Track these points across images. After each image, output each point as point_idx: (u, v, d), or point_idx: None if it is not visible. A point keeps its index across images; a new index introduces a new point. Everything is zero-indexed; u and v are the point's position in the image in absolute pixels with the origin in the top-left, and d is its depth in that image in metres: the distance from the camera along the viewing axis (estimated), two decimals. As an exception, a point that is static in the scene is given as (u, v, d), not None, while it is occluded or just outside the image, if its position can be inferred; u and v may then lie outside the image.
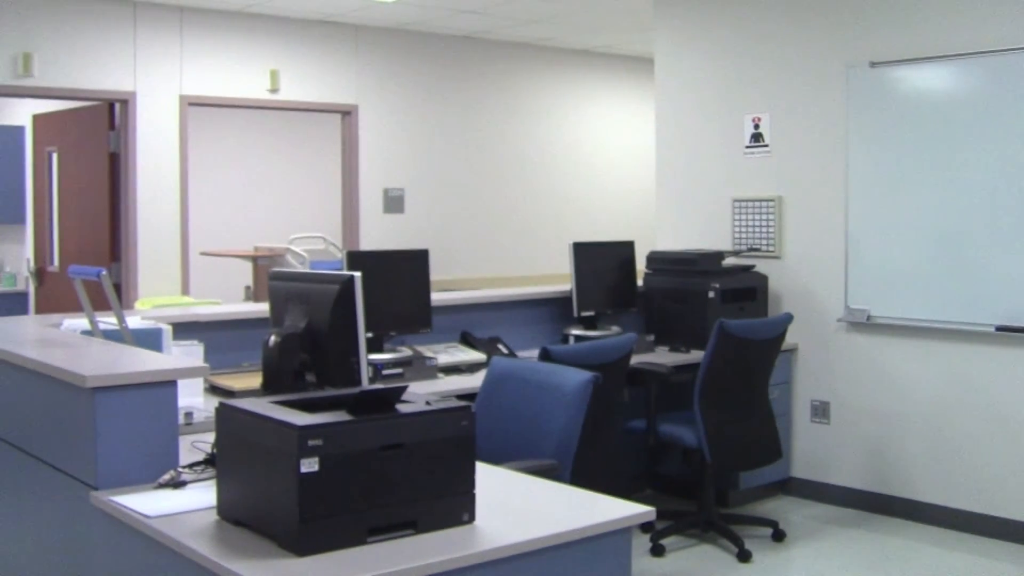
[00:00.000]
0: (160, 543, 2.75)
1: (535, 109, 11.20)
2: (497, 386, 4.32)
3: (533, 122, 11.18)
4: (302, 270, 7.40)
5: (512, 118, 11.01)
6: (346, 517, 2.55)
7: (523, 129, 11.10)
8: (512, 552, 2.63)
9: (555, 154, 11.35)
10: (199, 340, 4.57)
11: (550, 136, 11.31)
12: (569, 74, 11.45)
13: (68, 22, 8.55)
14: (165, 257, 9.00)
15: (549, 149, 11.31)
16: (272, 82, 9.49)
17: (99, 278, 4.07)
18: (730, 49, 7.33)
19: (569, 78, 11.46)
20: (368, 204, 10.03)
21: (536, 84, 11.20)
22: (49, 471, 3.47)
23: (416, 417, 2.70)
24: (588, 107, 11.63)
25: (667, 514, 6.20)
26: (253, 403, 2.76)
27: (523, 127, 11.10)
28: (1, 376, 3.91)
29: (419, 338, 5.78)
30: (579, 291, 6.50)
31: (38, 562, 3.70)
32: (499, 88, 10.92)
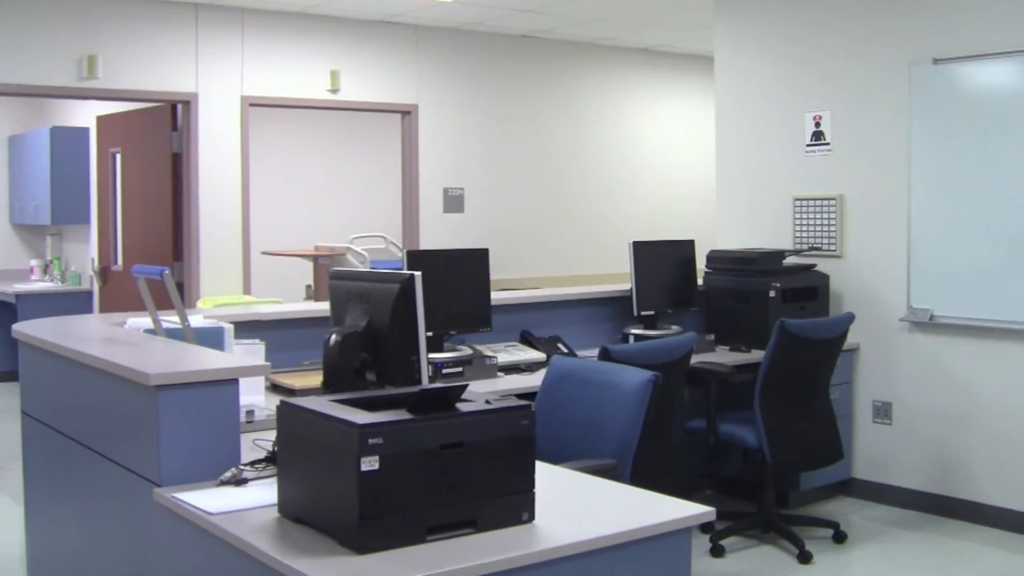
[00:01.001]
0: (221, 540, 2.78)
1: (594, 108, 11.17)
2: (557, 385, 4.32)
3: (592, 121, 11.16)
4: (363, 269, 7.43)
5: (571, 117, 11.00)
6: (406, 516, 2.56)
7: (582, 128, 11.08)
8: (571, 552, 2.62)
9: (615, 153, 11.32)
10: (260, 339, 4.60)
11: (610, 135, 11.29)
12: (628, 73, 11.42)
13: (131, 25, 8.64)
14: (227, 256, 9.07)
15: (609, 148, 11.28)
16: (332, 82, 9.54)
17: (162, 277, 4.11)
18: (791, 47, 7.27)
19: (628, 77, 11.43)
20: (428, 204, 10.06)
21: (595, 83, 11.18)
22: (113, 468, 3.50)
23: (476, 416, 2.70)
24: (648, 106, 11.59)
25: (727, 514, 6.16)
26: (314, 402, 2.77)
27: (582, 126, 11.08)
28: (67, 374, 3.96)
29: (479, 337, 5.78)
30: (639, 290, 6.48)
31: (103, 557, 3.74)
32: (558, 87, 10.91)
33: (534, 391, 4.49)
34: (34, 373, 4.46)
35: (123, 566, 3.54)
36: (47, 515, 4.40)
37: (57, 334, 4.28)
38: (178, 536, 3.06)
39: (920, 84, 6.53)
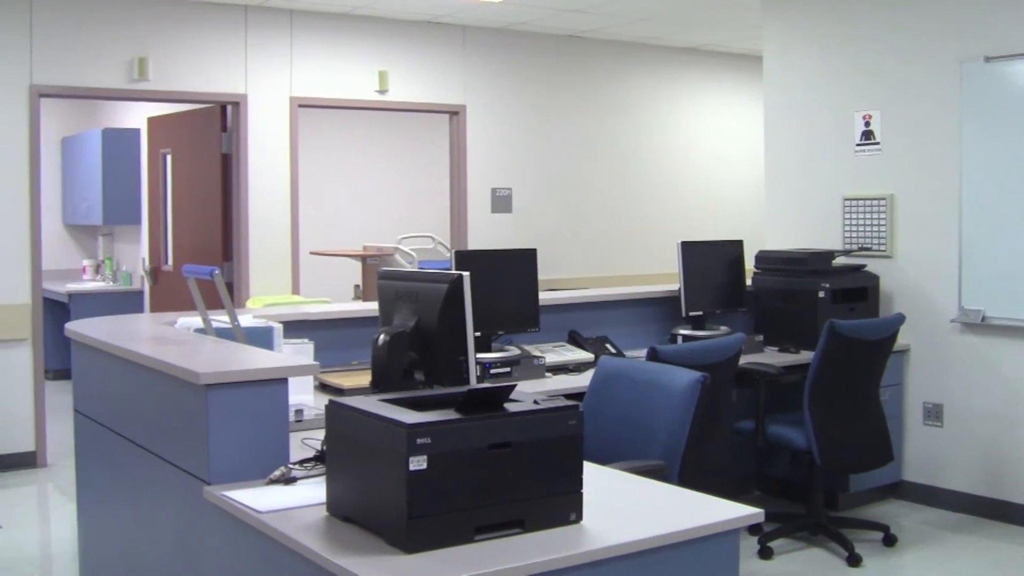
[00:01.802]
0: (270, 538, 2.79)
1: (642, 108, 11.15)
2: (605, 386, 4.31)
3: (640, 121, 11.13)
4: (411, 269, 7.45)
5: (619, 117, 10.98)
6: (454, 515, 2.56)
7: (630, 128, 11.06)
8: (619, 552, 2.62)
9: (662, 153, 11.29)
10: (309, 338, 4.62)
11: (657, 135, 11.25)
12: (676, 72, 11.38)
13: (181, 27, 8.71)
14: (276, 256, 9.12)
15: (656, 148, 11.25)
16: (381, 83, 9.57)
17: (212, 277, 4.14)
18: (840, 45, 7.23)
19: (676, 76, 11.39)
20: (476, 204, 10.07)
21: (643, 82, 11.15)
22: (164, 466, 3.53)
23: (524, 416, 2.70)
24: (695, 105, 11.55)
25: (775, 516, 6.12)
26: (362, 401, 2.78)
27: (630, 126, 11.06)
28: (118, 373, 3.99)
29: (527, 337, 5.78)
30: (687, 290, 6.46)
31: (154, 553, 3.77)
32: (606, 87, 10.89)
33: (582, 391, 4.49)
34: (86, 372, 4.51)
35: (173, 563, 3.57)
36: (99, 512, 4.44)
37: (109, 333, 4.32)
38: (227, 534, 3.08)
39: (972, 82, 6.47)
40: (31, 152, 8.15)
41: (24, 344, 8.14)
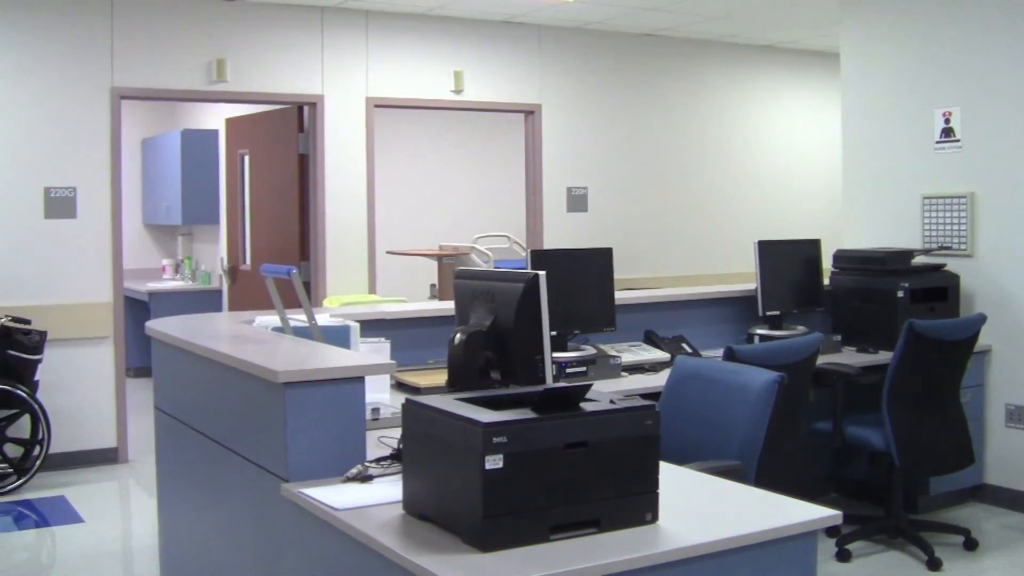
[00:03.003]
0: (347, 535, 2.81)
1: (718, 106, 11.08)
2: (681, 385, 4.29)
3: (716, 119, 11.06)
4: (487, 269, 7.46)
5: (695, 115, 10.92)
6: (529, 514, 2.56)
7: (706, 126, 11.00)
8: (695, 553, 2.60)
9: (739, 151, 11.22)
10: (386, 337, 4.64)
11: (734, 133, 11.18)
12: (753, 70, 11.30)
13: (259, 29, 8.80)
14: (352, 256, 9.18)
15: (732, 146, 11.17)
16: (456, 83, 9.60)
17: (289, 276, 4.17)
18: (918, 42, 7.13)
19: (753, 74, 11.31)
20: (552, 203, 10.07)
21: (719, 81, 11.08)
22: (242, 463, 3.57)
23: (601, 416, 2.69)
24: (772, 103, 11.46)
25: (853, 518, 6.05)
26: (439, 400, 2.79)
27: (706, 124, 11.00)
28: (197, 371, 4.04)
29: (603, 337, 5.77)
30: (764, 290, 6.41)
31: (232, 549, 3.81)
32: (682, 85, 10.84)
33: (658, 391, 4.47)
34: (166, 369, 4.56)
35: (251, 559, 3.61)
36: (179, 507, 4.50)
37: (188, 332, 4.37)
38: (305, 531, 3.11)
39: (1056, 79, 6.36)
40: (112, 153, 8.27)
41: (106, 342, 8.27)
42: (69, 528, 6.73)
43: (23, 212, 8.00)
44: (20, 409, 7.53)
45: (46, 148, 8.07)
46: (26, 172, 8.01)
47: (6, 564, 6.20)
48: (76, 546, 6.45)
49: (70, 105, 8.13)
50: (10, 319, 7.56)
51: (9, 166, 7.96)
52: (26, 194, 8.01)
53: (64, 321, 8.02)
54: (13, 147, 7.97)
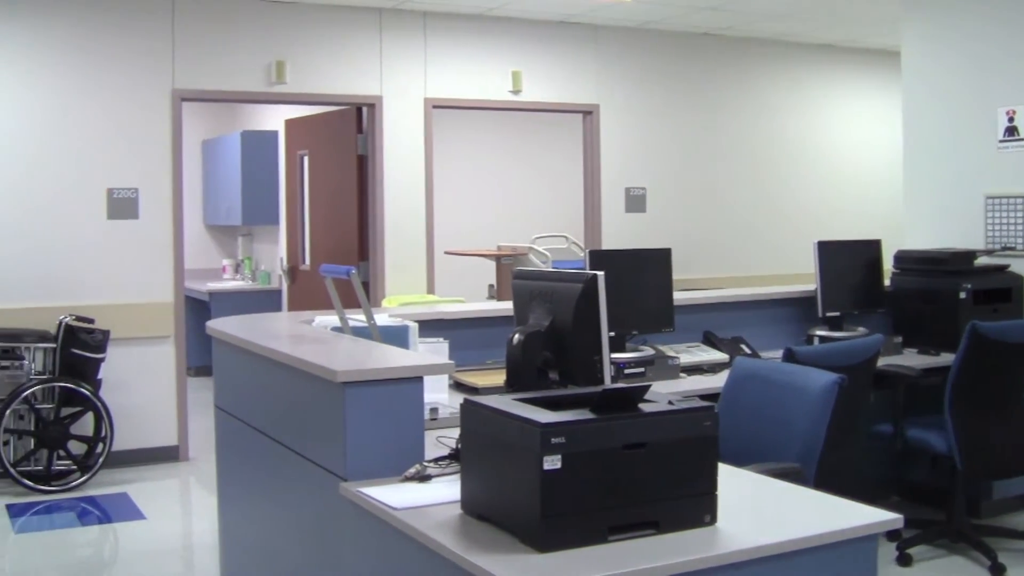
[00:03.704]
0: (405, 534, 2.82)
1: (777, 105, 11.01)
2: (740, 386, 4.27)
3: (775, 119, 10.99)
4: (545, 269, 7.46)
5: (753, 115, 10.86)
6: (588, 515, 2.56)
7: (765, 126, 10.93)
8: (755, 555, 2.59)
9: (798, 151, 11.14)
10: (444, 337, 4.66)
11: (792, 133, 11.11)
12: (811, 69, 11.22)
13: (318, 31, 8.85)
14: (411, 256, 9.22)
15: (791, 146, 11.10)
16: (515, 83, 9.61)
17: (349, 276, 4.19)
18: (981, 39, 7.04)
19: (811, 73, 11.22)
20: (610, 203, 10.06)
21: (777, 80, 11.01)
22: (301, 462, 3.59)
23: (659, 417, 2.68)
24: (832, 103, 11.37)
25: (915, 522, 5.99)
26: (497, 400, 2.79)
27: (764, 124, 10.93)
28: (257, 370, 4.07)
29: (661, 337, 5.74)
30: (824, 291, 6.37)
31: (291, 547, 3.83)
32: (739, 85, 10.79)
33: (717, 392, 4.46)
34: (226, 369, 4.60)
35: (310, 556, 3.63)
36: (239, 505, 4.53)
37: (248, 331, 4.40)
38: (363, 530, 3.12)
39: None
40: (174, 155, 8.36)
41: (167, 341, 8.35)
42: (131, 525, 6.81)
43: (86, 213, 8.11)
44: (84, 407, 7.62)
45: (109, 150, 8.17)
46: (89, 173, 8.11)
47: (70, 559, 6.28)
48: (138, 542, 6.52)
49: (132, 107, 8.23)
50: (74, 318, 7.66)
51: (73, 167, 8.06)
52: (89, 195, 8.11)
53: (126, 320, 8.11)
54: (77, 149, 8.08)
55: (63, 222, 8.04)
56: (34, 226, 7.97)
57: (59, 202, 8.04)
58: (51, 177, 8.02)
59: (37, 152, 7.98)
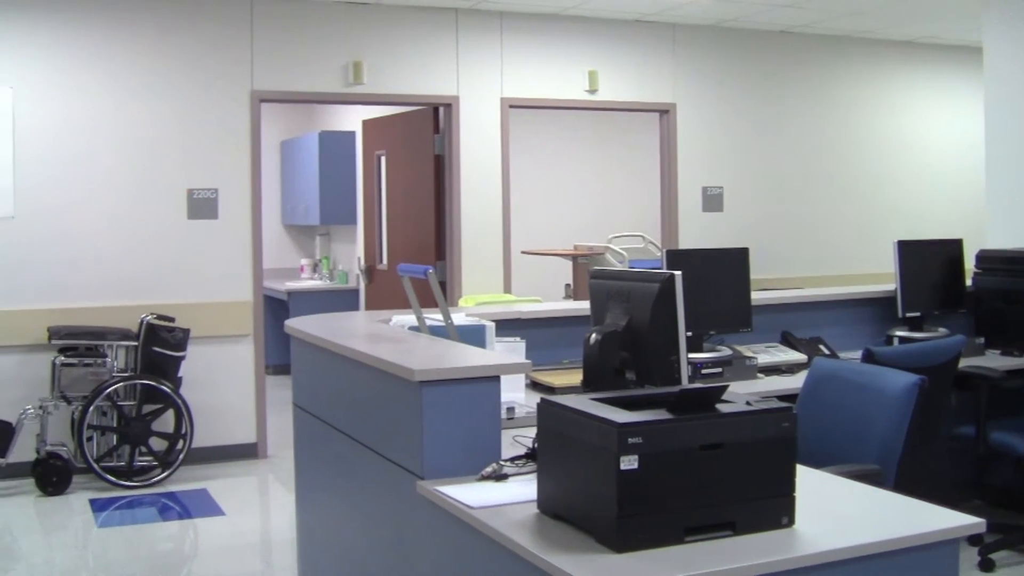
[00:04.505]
0: (482, 533, 2.83)
1: (856, 104, 10.89)
2: (819, 387, 4.24)
3: (854, 117, 10.87)
4: (622, 268, 7.44)
5: (832, 113, 10.75)
6: (664, 515, 2.55)
7: (844, 124, 10.82)
8: (833, 558, 2.56)
9: (877, 149, 11.01)
10: (521, 337, 4.66)
11: (872, 131, 10.98)
12: (891, 66, 11.08)
13: (394, 31, 8.90)
14: (488, 256, 9.24)
15: (870, 144, 10.97)
16: (591, 83, 9.60)
17: (426, 276, 4.21)
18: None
19: (891, 71, 11.08)
20: (687, 203, 10.01)
21: (857, 78, 10.89)
22: (378, 460, 3.61)
23: (737, 417, 2.67)
24: (912, 100, 11.22)
25: (997, 527, 5.89)
26: (574, 399, 2.79)
27: (844, 122, 10.82)
28: (334, 369, 4.10)
29: (739, 337, 5.71)
30: (904, 291, 6.29)
31: (368, 544, 3.86)
32: (818, 83, 10.68)
33: (795, 393, 4.42)
34: (304, 367, 4.64)
35: (386, 554, 3.65)
36: (316, 502, 4.57)
37: (325, 330, 4.43)
38: (439, 528, 3.13)
39: None
40: (252, 155, 8.45)
41: (247, 340, 8.44)
42: (210, 520, 6.90)
43: (167, 213, 8.22)
44: (165, 404, 7.73)
45: (189, 151, 8.28)
46: (170, 174, 8.23)
47: (150, 553, 6.37)
48: (217, 538, 6.60)
49: (212, 109, 8.33)
50: (155, 317, 7.76)
51: (154, 168, 8.18)
52: (170, 195, 8.23)
53: (206, 319, 8.21)
54: (158, 150, 8.20)
55: (145, 222, 8.17)
56: (117, 226, 8.10)
57: (141, 203, 8.16)
58: (133, 178, 8.15)
59: (120, 154, 8.11)
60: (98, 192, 8.06)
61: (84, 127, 8.04)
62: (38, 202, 7.93)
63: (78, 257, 8.01)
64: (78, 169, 8.02)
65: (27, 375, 7.78)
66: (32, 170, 7.91)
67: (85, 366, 7.60)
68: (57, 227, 7.97)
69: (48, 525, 6.92)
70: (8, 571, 6.14)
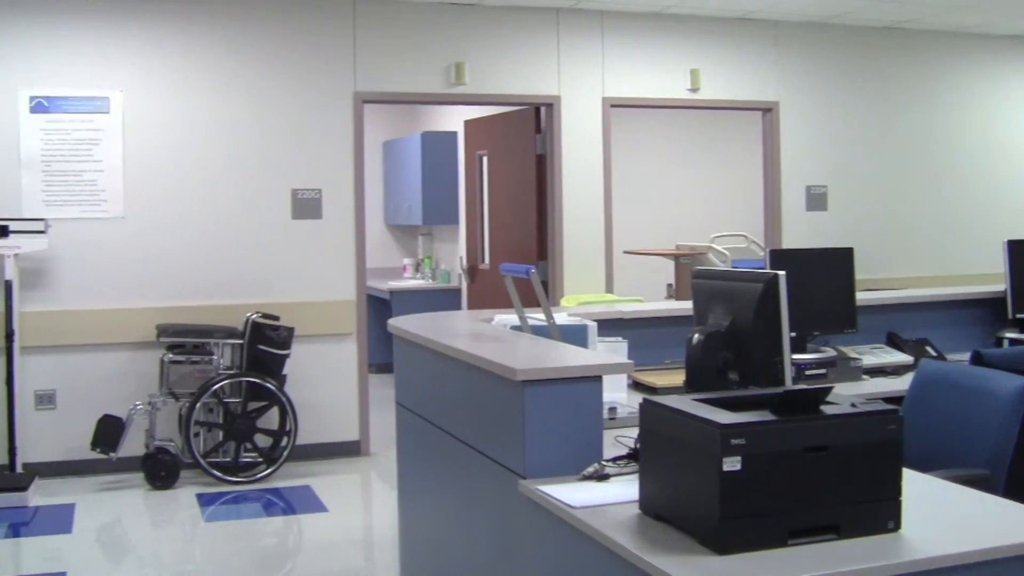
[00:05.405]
0: (583, 533, 2.83)
1: (964, 100, 10.68)
2: (925, 390, 4.17)
3: (962, 113, 10.67)
4: (725, 268, 7.40)
5: (939, 110, 10.56)
6: (767, 517, 2.53)
7: (950, 121, 10.62)
8: (940, 564, 2.51)
9: (986, 147, 10.79)
10: (623, 337, 4.65)
11: (980, 128, 10.76)
12: (1002, 62, 10.85)
13: (496, 32, 8.93)
14: (589, 255, 9.23)
15: (979, 142, 10.75)
16: (693, 81, 9.54)
17: (528, 276, 4.23)
18: None
19: (999, 66, 10.85)
20: (790, 202, 9.91)
21: (965, 74, 10.68)
22: (480, 459, 3.63)
23: (842, 419, 2.64)
24: (1021, 95, 10.98)
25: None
26: (676, 400, 2.78)
27: (952, 119, 10.62)
28: (437, 367, 4.13)
29: (843, 338, 5.63)
30: (1014, 291, 6.16)
31: (469, 542, 3.88)
32: (925, 79, 10.50)
33: (901, 395, 4.36)
34: (407, 366, 4.68)
35: (488, 552, 3.67)
36: (418, 500, 4.60)
37: (428, 329, 4.46)
38: (541, 527, 3.14)
39: None
40: (355, 156, 8.54)
41: (350, 339, 8.53)
42: (314, 516, 6.98)
43: (272, 213, 8.34)
44: (269, 401, 7.83)
45: (293, 152, 8.39)
46: (275, 175, 8.35)
47: (255, 547, 6.47)
48: (320, 534, 6.68)
49: (316, 110, 8.44)
50: (260, 315, 7.87)
51: (259, 169, 8.31)
52: (275, 196, 8.35)
53: (310, 318, 8.31)
54: (263, 151, 8.32)
55: (250, 222, 8.30)
56: (223, 226, 8.24)
57: (247, 203, 8.30)
58: (239, 179, 8.28)
59: (227, 155, 8.25)
60: (205, 193, 8.21)
61: (191, 129, 8.19)
62: (147, 203, 8.10)
63: (186, 257, 8.16)
64: (185, 170, 8.18)
65: (137, 372, 7.96)
66: (141, 172, 8.08)
67: (192, 363, 7.75)
68: (165, 227, 8.13)
69: (156, 518, 7.07)
70: (118, 562, 6.28)
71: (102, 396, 7.86)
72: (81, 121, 7.97)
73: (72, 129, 7.95)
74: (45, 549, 6.39)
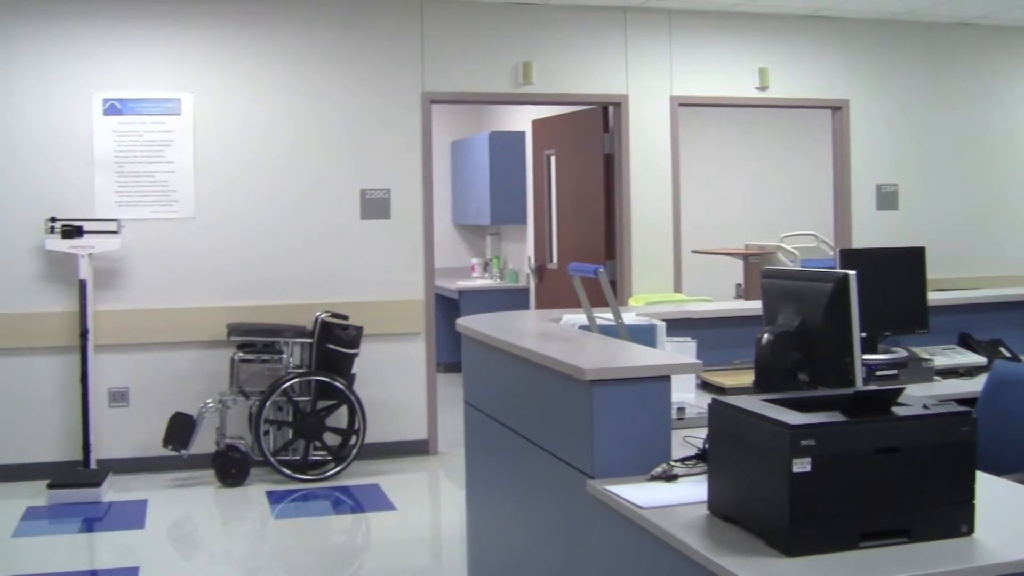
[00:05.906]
0: (651, 533, 2.82)
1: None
2: (999, 392, 4.12)
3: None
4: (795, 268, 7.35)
5: (1012, 107, 10.40)
6: (837, 520, 2.51)
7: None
8: (1015, 570, 2.46)
9: (1063, 145, 10.64)
10: (692, 337, 4.63)
11: (1057, 126, 10.61)
12: (1079, 59, 10.69)
13: (563, 32, 8.93)
14: (658, 255, 9.20)
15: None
16: (762, 80, 9.48)
17: (596, 275, 4.22)
18: None
19: (1079, 64, 10.69)
20: (860, 201, 9.81)
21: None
22: (548, 458, 3.63)
23: (914, 421, 2.61)
24: (1101, 94, 10.81)
25: None
26: (745, 400, 2.77)
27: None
28: (505, 367, 4.14)
29: (915, 339, 5.57)
30: (1090, 292, 6.07)
31: (537, 541, 3.89)
32: (995, 76, 10.35)
33: (974, 397, 4.31)
34: (475, 365, 4.69)
35: (556, 552, 3.67)
36: (486, 499, 4.62)
37: (496, 328, 4.48)
38: (609, 527, 3.14)
39: None
40: (424, 155, 8.57)
41: (418, 338, 8.57)
42: (382, 515, 7.02)
43: (341, 213, 8.40)
44: (338, 400, 7.89)
45: (362, 152, 8.45)
46: (344, 175, 8.41)
47: (325, 545, 6.52)
48: (388, 532, 6.72)
49: (384, 110, 8.49)
50: (329, 315, 7.93)
51: (329, 169, 8.37)
52: (344, 196, 8.41)
53: (379, 317, 8.36)
54: (332, 152, 8.39)
55: (319, 222, 8.36)
56: (293, 226, 8.31)
57: (315, 203, 8.36)
58: (308, 179, 8.35)
59: (297, 155, 8.33)
60: (274, 193, 8.29)
61: (260, 130, 8.27)
62: (218, 203, 8.19)
63: (256, 256, 8.24)
64: (255, 170, 8.26)
65: (207, 370, 8.05)
66: (212, 172, 8.18)
67: (262, 362, 7.83)
68: (236, 227, 8.22)
69: (226, 515, 7.14)
70: (189, 558, 6.36)
71: (173, 394, 7.97)
72: (153, 123, 8.08)
73: (144, 131, 8.06)
74: (118, 545, 6.48)
